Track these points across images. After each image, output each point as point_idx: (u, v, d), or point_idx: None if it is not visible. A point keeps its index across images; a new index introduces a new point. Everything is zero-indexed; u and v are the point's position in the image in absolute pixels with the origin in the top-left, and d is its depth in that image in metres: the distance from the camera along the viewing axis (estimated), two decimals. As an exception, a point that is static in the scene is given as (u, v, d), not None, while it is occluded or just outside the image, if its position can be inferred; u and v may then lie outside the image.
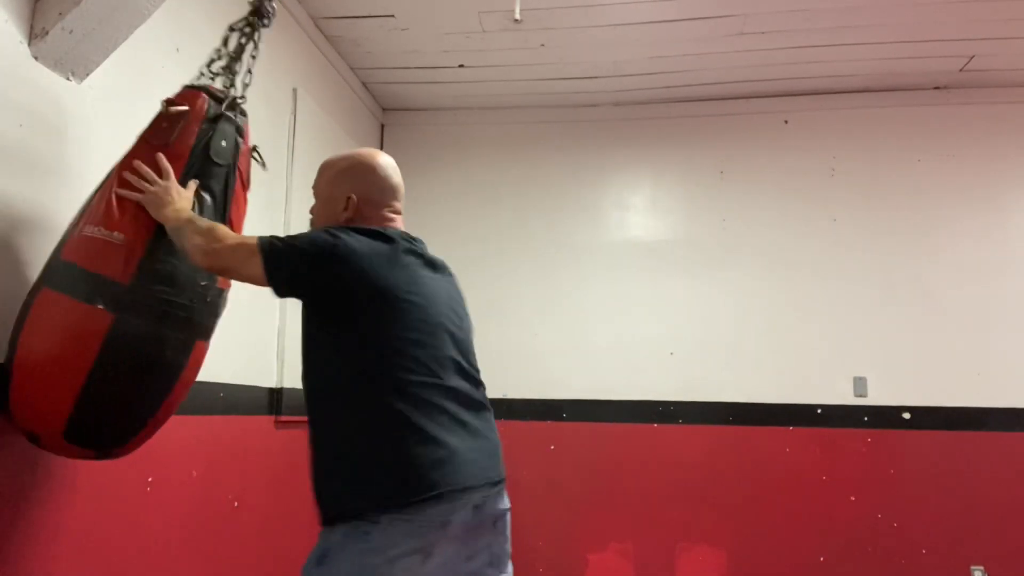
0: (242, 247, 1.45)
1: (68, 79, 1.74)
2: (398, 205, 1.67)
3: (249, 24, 1.73)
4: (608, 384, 3.77)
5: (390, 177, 1.67)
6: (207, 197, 1.59)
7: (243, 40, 1.73)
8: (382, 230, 1.55)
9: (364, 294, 1.44)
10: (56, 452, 1.54)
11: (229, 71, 1.71)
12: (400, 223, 1.66)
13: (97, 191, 1.59)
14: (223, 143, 1.61)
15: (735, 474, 3.60)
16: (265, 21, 1.73)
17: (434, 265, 1.61)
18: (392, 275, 1.47)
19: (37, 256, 1.66)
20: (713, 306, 3.76)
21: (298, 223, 2.87)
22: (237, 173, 1.65)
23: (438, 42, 3.38)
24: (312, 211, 1.70)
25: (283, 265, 1.44)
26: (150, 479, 1.98)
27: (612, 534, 3.65)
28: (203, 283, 1.57)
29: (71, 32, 1.65)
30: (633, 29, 3.23)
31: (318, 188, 1.69)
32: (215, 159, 1.60)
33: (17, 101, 1.61)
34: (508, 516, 1.54)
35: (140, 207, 1.52)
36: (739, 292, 3.75)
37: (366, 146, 3.92)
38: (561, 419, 3.76)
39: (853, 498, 3.52)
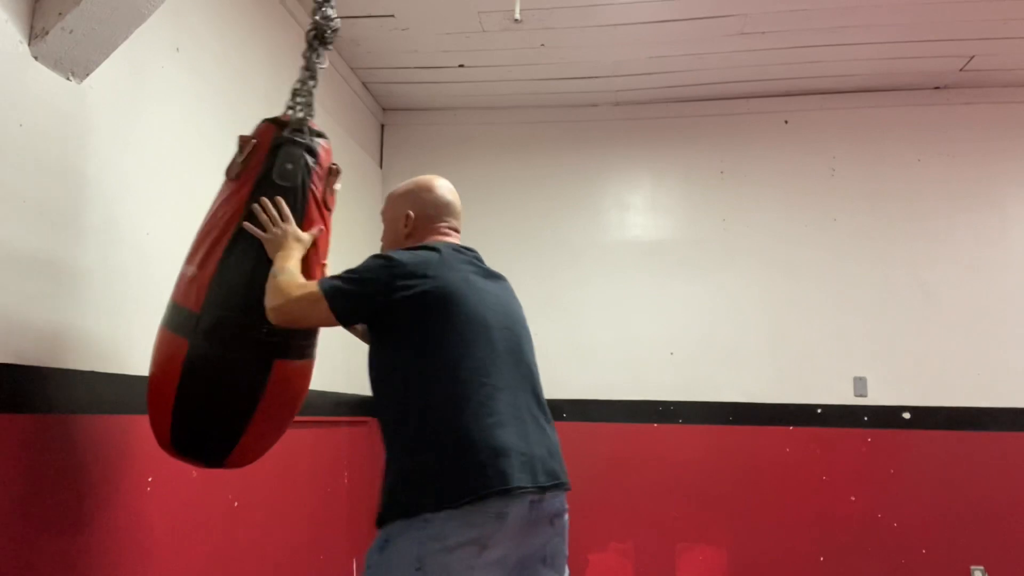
0: (305, 298, 1.54)
1: (68, 79, 1.74)
2: (454, 222, 1.81)
3: (311, 46, 1.77)
4: (608, 384, 3.77)
5: (445, 196, 1.81)
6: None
7: (309, 67, 1.78)
8: (430, 244, 1.67)
9: (420, 301, 1.52)
10: (178, 459, 1.68)
11: (304, 98, 1.77)
12: (456, 238, 1.79)
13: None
14: (288, 165, 1.65)
15: (735, 474, 3.60)
16: (327, 37, 1.75)
17: (489, 274, 1.72)
18: (444, 278, 1.56)
19: (37, 256, 1.66)
20: (713, 306, 3.77)
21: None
22: (310, 194, 1.67)
23: (438, 42, 3.38)
24: (382, 238, 1.84)
25: (348, 301, 1.54)
26: (150, 479, 1.98)
27: (612, 534, 3.65)
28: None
29: (71, 32, 1.64)
30: (633, 29, 3.23)
31: (385, 215, 1.84)
32: (279, 181, 1.64)
33: (17, 101, 1.61)
34: (566, 517, 1.57)
35: (213, 242, 1.61)
36: (739, 292, 3.76)
37: (367, 146, 3.93)
38: (561, 419, 3.75)
39: (853, 498, 3.52)
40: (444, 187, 1.83)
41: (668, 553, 3.59)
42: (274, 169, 1.64)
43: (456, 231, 1.81)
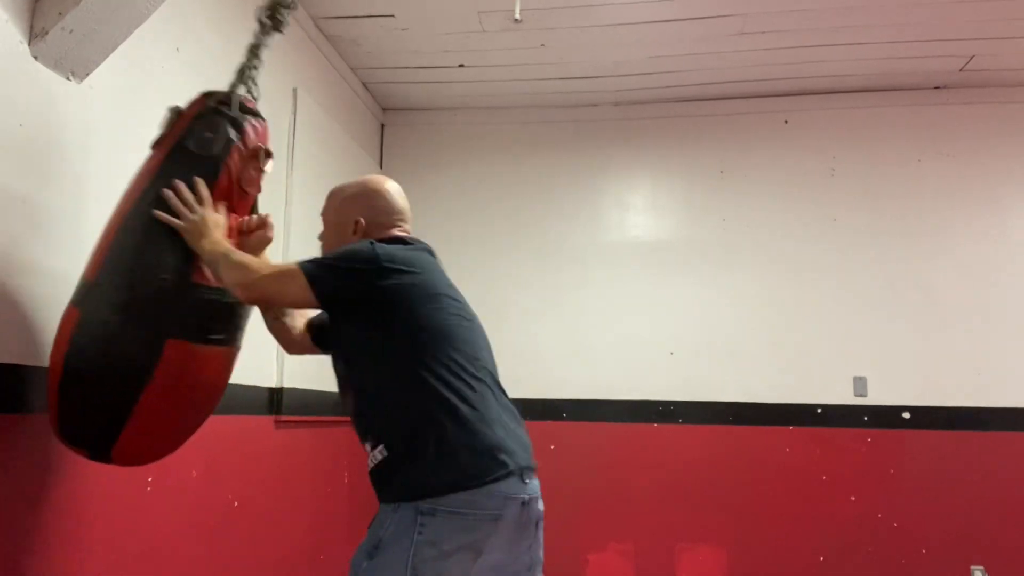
0: (282, 274, 1.49)
1: (68, 79, 1.74)
2: (406, 227, 1.73)
3: (263, 26, 1.70)
4: (608, 384, 3.77)
5: (396, 201, 1.73)
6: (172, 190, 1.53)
7: (257, 40, 1.71)
8: (402, 237, 1.65)
9: (411, 292, 1.50)
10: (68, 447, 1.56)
11: (243, 74, 1.68)
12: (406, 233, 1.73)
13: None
14: (206, 134, 1.55)
15: (735, 474, 3.60)
16: (280, 16, 1.69)
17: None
18: (430, 272, 1.56)
19: (36, 256, 1.66)
20: (713, 306, 3.77)
21: (298, 223, 2.87)
22: (224, 169, 1.56)
23: (438, 42, 3.38)
24: (321, 237, 1.76)
25: (328, 278, 1.48)
26: (150, 479, 1.98)
27: (612, 534, 3.65)
28: (163, 276, 1.50)
29: (71, 32, 1.64)
30: (633, 29, 3.23)
31: (327, 215, 1.75)
32: (193, 148, 1.54)
33: (17, 101, 1.61)
34: (542, 521, 1.57)
35: (117, 210, 1.53)
36: (739, 292, 3.75)
37: (367, 146, 3.93)
38: (561, 419, 3.76)
39: (853, 498, 3.52)
40: (394, 190, 1.74)
41: (668, 553, 3.59)
42: (191, 136, 1.54)
43: (407, 233, 1.73)
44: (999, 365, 3.54)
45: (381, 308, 1.49)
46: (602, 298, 3.85)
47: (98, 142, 1.86)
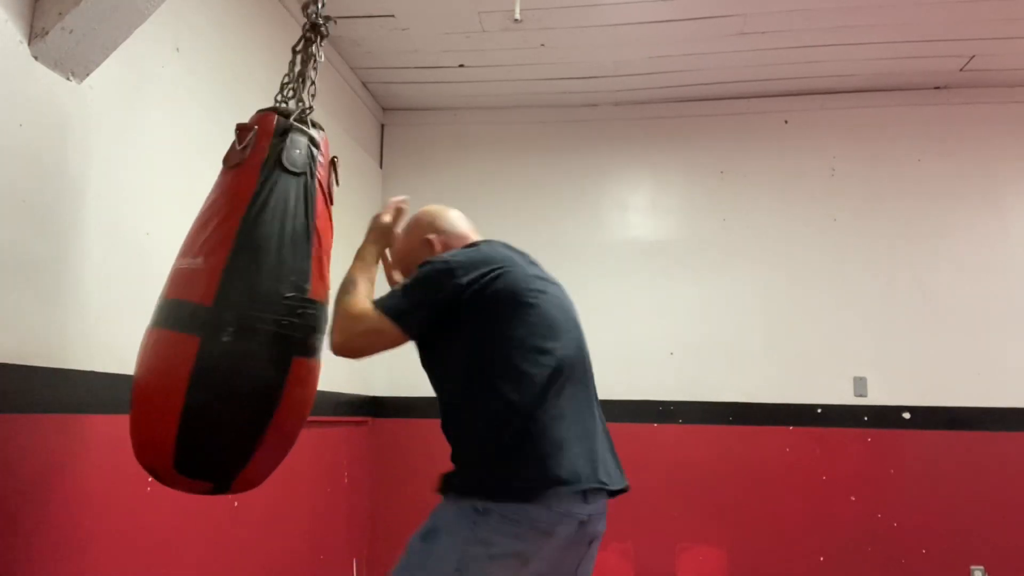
0: (369, 330, 1.48)
1: (68, 79, 1.74)
2: (469, 225, 1.77)
3: (307, 40, 1.76)
4: (608, 384, 3.74)
5: (459, 217, 1.76)
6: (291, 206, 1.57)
7: (304, 57, 1.76)
8: (475, 241, 1.68)
9: (486, 292, 1.48)
10: (176, 487, 1.52)
11: (296, 90, 1.74)
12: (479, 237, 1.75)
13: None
14: (296, 151, 1.60)
15: (735, 474, 3.60)
16: (324, 31, 1.76)
17: (545, 274, 1.69)
18: (510, 269, 1.53)
19: (37, 256, 1.66)
20: (713, 306, 3.76)
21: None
22: (318, 183, 1.62)
23: (438, 42, 3.38)
24: (396, 282, 1.73)
25: (412, 313, 1.49)
26: (150, 479, 1.98)
27: (612, 534, 3.61)
28: (288, 295, 1.51)
29: (71, 32, 1.65)
30: (633, 29, 3.23)
31: (402, 263, 1.74)
32: (289, 167, 1.57)
33: (17, 101, 1.61)
34: (601, 539, 1.58)
35: (218, 230, 1.51)
36: (739, 292, 3.75)
37: (367, 146, 3.93)
38: (561, 419, 3.75)
39: (853, 498, 3.52)
40: (454, 210, 1.78)
41: (668, 553, 3.59)
42: (283, 154, 1.57)
43: (476, 232, 1.77)
44: (999, 365, 3.54)
45: (460, 316, 1.49)
46: (602, 298, 3.85)
47: (98, 142, 1.86)
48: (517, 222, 3.96)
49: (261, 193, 1.53)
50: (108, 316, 1.87)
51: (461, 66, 3.61)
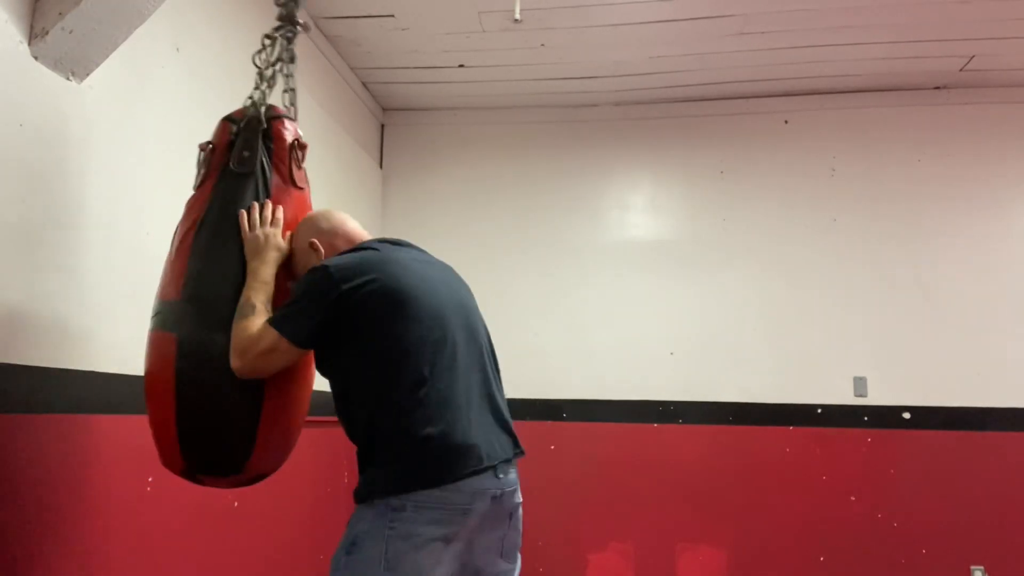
0: (264, 351, 1.47)
1: (68, 79, 1.74)
2: (354, 223, 1.72)
3: (279, 31, 1.74)
4: (608, 384, 3.77)
5: (332, 214, 1.71)
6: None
7: (272, 47, 1.74)
8: (363, 244, 1.64)
9: (375, 301, 1.49)
10: (204, 484, 1.57)
11: (263, 80, 1.72)
12: (367, 235, 1.72)
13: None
14: (245, 153, 1.61)
15: (735, 474, 3.60)
16: (297, 27, 1.73)
17: (431, 261, 1.69)
18: (387, 273, 1.53)
19: (37, 256, 1.66)
20: (713, 306, 3.76)
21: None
22: (275, 175, 1.63)
23: (438, 42, 3.38)
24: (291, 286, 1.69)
25: (301, 325, 1.49)
26: (150, 479, 1.98)
27: (612, 534, 3.65)
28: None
29: (71, 32, 1.65)
30: (633, 29, 3.23)
31: (294, 274, 1.69)
32: (236, 169, 1.59)
33: (17, 101, 1.61)
34: (521, 511, 1.61)
35: (185, 228, 1.57)
36: (739, 292, 3.75)
37: (367, 146, 3.93)
38: (561, 419, 3.76)
39: (853, 498, 3.52)
40: (335, 212, 1.74)
41: (668, 553, 3.59)
42: (232, 158, 1.60)
43: (362, 228, 1.74)
44: (999, 365, 3.54)
45: (347, 323, 1.50)
46: (602, 298, 3.85)
47: (98, 142, 1.86)
48: (517, 222, 3.97)
49: (214, 200, 1.58)
50: (108, 316, 1.87)
51: (461, 66, 3.61)
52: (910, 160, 3.76)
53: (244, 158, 1.61)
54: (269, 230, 1.58)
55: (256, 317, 1.50)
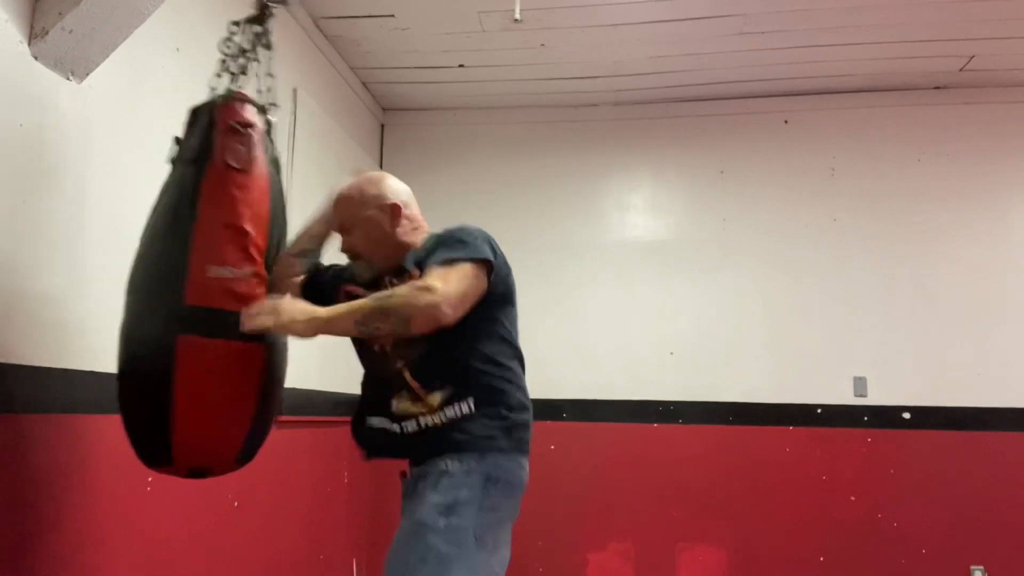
0: (460, 278, 1.52)
1: (68, 79, 1.74)
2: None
3: (260, 17, 1.72)
4: (608, 384, 3.77)
5: (404, 185, 1.77)
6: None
7: (254, 39, 1.72)
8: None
9: (503, 281, 1.68)
10: (220, 474, 1.65)
11: (243, 72, 1.70)
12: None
13: (191, 218, 1.53)
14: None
15: (735, 474, 3.60)
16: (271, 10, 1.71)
17: None
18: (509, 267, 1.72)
19: (37, 256, 1.66)
20: (713, 306, 3.76)
21: (299, 223, 2.87)
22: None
23: (438, 42, 3.38)
24: (347, 247, 1.69)
25: (488, 253, 1.62)
26: (150, 479, 1.98)
27: (612, 534, 3.65)
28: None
29: (71, 32, 1.65)
30: (633, 29, 3.23)
31: (345, 220, 1.69)
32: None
33: (17, 101, 1.61)
34: None
35: (254, 236, 1.56)
36: (739, 292, 3.75)
37: (367, 146, 3.93)
38: (561, 419, 3.76)
39: (853, 498, 3.52)
40: (395, 178, 1.78)
41: (668, 553, 3.59)
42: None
43: None
44: (999, 365, 3.53)
45: (493, 289, 1.61)
46: (602, 298, 3.85)
47: (98, 142, 1.86)
48: (517, 222, 3.96)
49: (274, 201, 1.63)
50: (108, 316, 1.87)
51: (461, 66, 3.61)
52: (910, 160, 3.76)
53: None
54: (274, 303, 1.51)
55: (399, 289, 1.50)
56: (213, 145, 1.57)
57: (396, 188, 1.72)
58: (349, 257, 1.71)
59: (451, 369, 1.55)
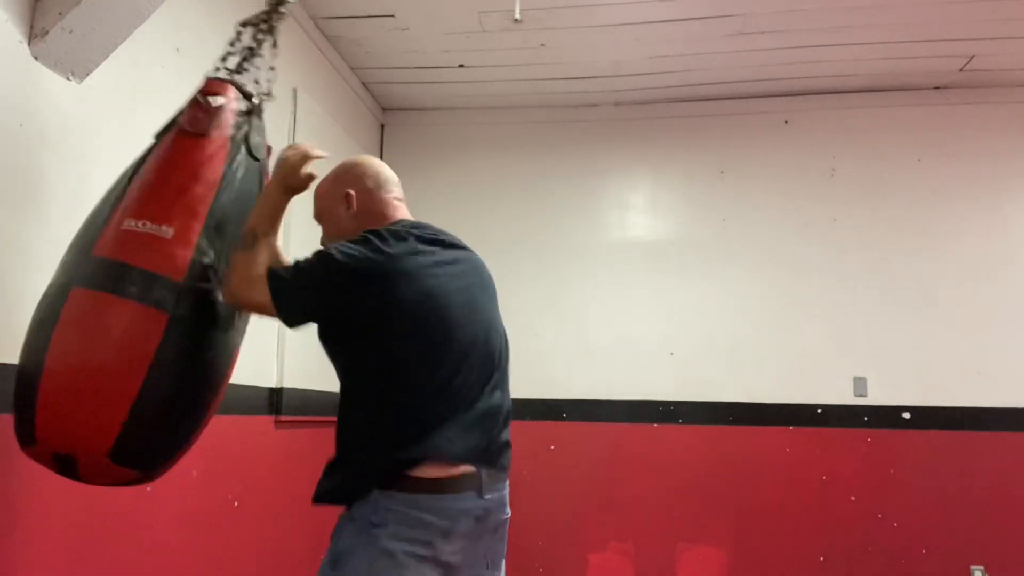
0: (259, 303, 1.43)
1: (68, 79, 1.74)
2: (398, 192, 1.66)
3: (266, 16, 1.67)
4: (608, 384, 3.77)
5: (380, 168, 1.66)
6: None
7: (260, 35, 1.66)
8: (394, 228, 1.54)
9: (398, 303, 1.44)
10: (93, 478, 1.39)
11: (243, 68, 1.63)
12: (405, 210, 1.66)
13: (129, 181, 1.47)
14: (258, 138, 1.56)
15: (735, 474, 3.60)
16: (281, 10, 1.67)
17: (451, 245, 1.61)
18: (413, 274, 1.46)
19: (37, 256, 1.66)
20: (713, 306, 3.76)
21: (299, 223, 2.87)
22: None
23: (438, 42, 3.38)
24: (322, 240, 1.65)
25: (298, 309, 1.46)
26: (150, 479, 1.98)
27: (612, 534, 3.65)
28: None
29: (71, 32, 1.65)
30: (633, 29, 3.23)
31: (318, 210, 1.67)
32: (254, 154, 1.55)
33: (17, 101, 1.61)
34: (507, 524, 1.57)
35: (187, 197, 1.42)
36: (739, 292, 3.75)
37: (367, 146, 3.93)
38: (561, 419, 3.76)
39: (853, 498, 3.52)
40: (376, 161, 1.68)
41: (668, 553, 3.59)
42: (250, 139, 1.56)
43: (403, 201, 1.66)
44: (999, 365, 3.53)
45: (357, 327, 1.45)
46: (602, 298, 3.85)
47: (98, 142, 1.86)
48: (517, 222, 3.97)
49: (228, 175, 1.48)
50: (108, 316, 1.86)
51: (461, 66, 3.61)
52: (910, 160, 3.76)
53: (259, 144, 1.58)
54: (289, 153, 1.51)
55: (256, 256, 1.42)
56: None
57: (357, 174, 1.63)
58: None
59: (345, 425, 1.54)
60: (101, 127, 1.87)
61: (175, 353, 1.36)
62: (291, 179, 1.50)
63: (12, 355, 1.58)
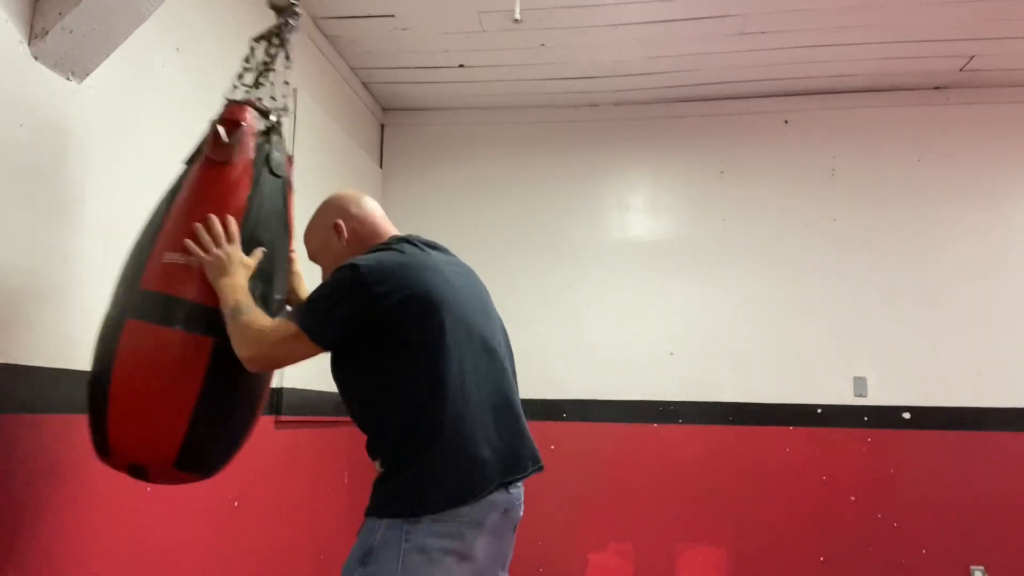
0: (283, 341, 1.46)
1: (68, 79, 1.74)
2: (382, 211, 1.72)
3: (276, 31, 1.70)
4: (608, 384, 3.77)
5: (358, 194, 1.72)
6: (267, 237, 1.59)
7: (272, 49, 1.70)
8: (393, 244, 1.60)
9: (404, 309, 1.46)
10: (163, 481, 1.56)
11: (259, 83, 1.68)
12: (392, 226, 1.72)
13: (167, 209, 1.56)
14: (278, 153, 1.62)
15: (735, 474, 3.60)
16: (291, 22, 1.69)
17: (455, 262, 1.67)
18: (420, 280, 1.50)
19: (37, 256, 1.66)
20: (713, 306, 3.77)
21: (299, 224, 2.87)
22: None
23: (438, 42, 3.38)
24: (323, 269, 1.70)
25: (326, 326, 1.47)
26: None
27: (612, 534, 3.65)
28: (278, 298, 1.61)
29: (71, 32, 1.65)
30: (633, 29, 3.23)
31: (312, 250, 1.72)
32: (275, 171, 1.61)
33: (17, 101, 1.61)
34: (518, 524, 1.60)
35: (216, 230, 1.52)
36: (739, 292, 3.75)
37: (367, 146, 3.93)
38: (561, 419, 3.76)
39: (853, 498, 3.52)
40: (349, 190, 1.74)
41: (668, 553, 3.59)
42: (270, 157, 1.62)
43: (387, 220, 1.72)
44: (999, 365, 3.54)
45: (375, 329, 1.47)
46: (602, 298, 3.85)
47: (98, 142, 1.86)
48: (517, 222, 3.97)
49: (256, 196, 1.57)
50: (108, 316, 1.87)
51: (461, 66, 3.61)
52: (910, 160, 3.76)
53: (279, 160, 1.64)
54: (229, 248, 1.50)
55: (253, 312, 1.47)
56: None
57: (339, 205, 1.68)
58: None
59: (370, 439, 1.55)
60: (101, 127, 1.87)
61: (222, 373, 1.49)
62: (241, 268, 1.51)
63: (13, 355, 1.58)
